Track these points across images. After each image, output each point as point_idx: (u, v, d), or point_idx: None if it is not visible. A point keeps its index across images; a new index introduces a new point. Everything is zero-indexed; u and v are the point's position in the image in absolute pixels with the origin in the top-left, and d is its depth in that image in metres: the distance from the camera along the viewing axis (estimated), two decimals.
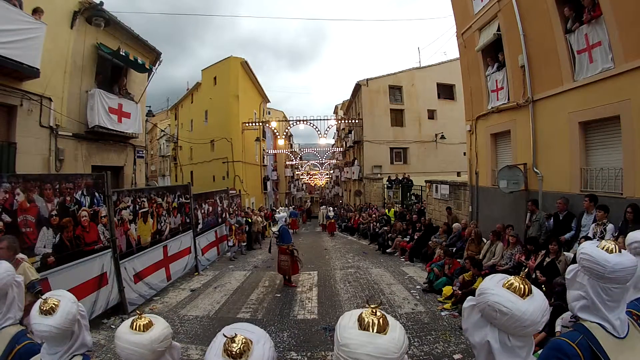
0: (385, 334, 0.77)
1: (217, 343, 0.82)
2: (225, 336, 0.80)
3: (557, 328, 3.21)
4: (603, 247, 1.21)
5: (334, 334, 0.82)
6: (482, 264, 6.03)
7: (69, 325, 1.30)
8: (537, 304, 0.93)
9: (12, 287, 1.57)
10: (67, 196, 4.61)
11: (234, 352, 0.77)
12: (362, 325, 0.78)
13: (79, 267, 4.67)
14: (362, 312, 0.81)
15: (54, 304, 1.29)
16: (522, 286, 0.94)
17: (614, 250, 1.20)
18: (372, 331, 0.77)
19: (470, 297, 1.05)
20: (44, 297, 1.32)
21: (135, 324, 1.12)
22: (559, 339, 1.26)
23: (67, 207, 4.61)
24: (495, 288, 0.96)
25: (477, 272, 5.58)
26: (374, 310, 0.80)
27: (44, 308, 1.28)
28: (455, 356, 3.89)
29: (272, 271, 8.39)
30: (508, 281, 0.96)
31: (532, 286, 0.97)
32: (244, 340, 0.80)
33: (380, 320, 0.79)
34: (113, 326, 4.96)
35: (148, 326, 1.13)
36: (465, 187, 9.75)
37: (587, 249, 1.24)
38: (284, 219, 8.01)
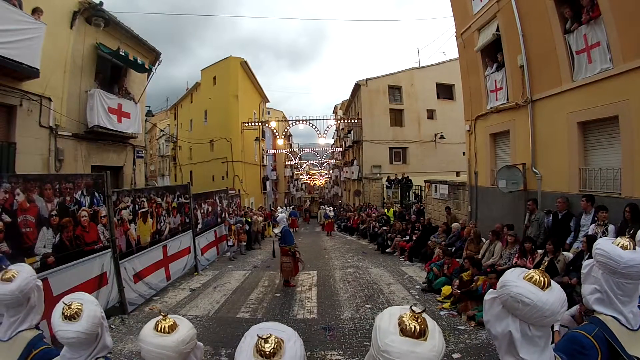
0: (425, 339, 0.76)
1: (247, 344, 0.81)
2: (259, 337, 0.79)
3: (556, 327, 3.21)
4: (618, 244, 1.24)
5: (373, 334, 0.81)
6: (481, 263, 6.05)
7: (95, 329, 1.26)
8: (556, 295, 0.96)
9: (34, 292, 1.53)
10: (67, 196, 4.62)
11: (267, 352, 0.77)
12: (404, 331, 0.77)
13: (79, 267, 4.68)
14: (402, 315, 0.79)
15: (77, 308, 1.24)
16: (542, 279, 0.98)
17: (628, 247, 1.22)
18: (414, 337, 0.76)
19: (491, 290, 1.08)
20: (65, 301, 1.27)
21: (159, 325, 1.09)
22: (575, 332, 1.29)
23: (67, 207, 4.62)
24: (517, 280, 0.99)
25: (476, 271, 5.59)
26: (416, 316, 0.78)
27: (67, 313, 1.22)
28: (454, 355, 3.91)
29: (271, 271, 8.41)
30: (528, 274, 1.00)
31: (551, 279, 1.00)
32: (276, 339, 0.80)
33: (422, 326, 0.77)
34: (113, 326, 4.97)
35: (173, 327, 1.11)
36: (465, 187, 9.77)
37: (602, 244, 1.28)
38: (284, 220, 8.00)
